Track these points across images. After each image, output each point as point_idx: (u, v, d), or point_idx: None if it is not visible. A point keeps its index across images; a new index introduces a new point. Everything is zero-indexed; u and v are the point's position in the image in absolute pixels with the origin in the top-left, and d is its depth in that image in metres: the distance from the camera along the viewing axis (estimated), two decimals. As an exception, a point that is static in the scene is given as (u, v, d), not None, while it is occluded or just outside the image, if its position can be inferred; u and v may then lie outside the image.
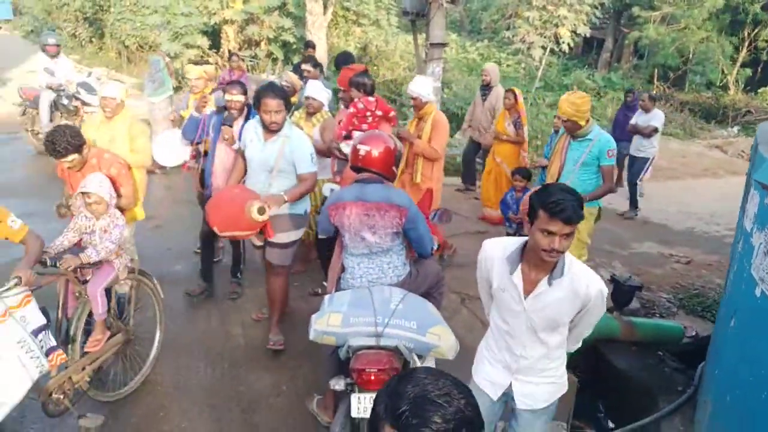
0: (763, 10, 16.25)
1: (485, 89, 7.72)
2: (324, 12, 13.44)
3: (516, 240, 2.38)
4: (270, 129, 3.75)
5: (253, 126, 3.91)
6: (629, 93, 9.12)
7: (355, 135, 4.18)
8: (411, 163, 4.86)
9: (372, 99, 4.42)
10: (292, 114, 4.95)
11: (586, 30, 16.20)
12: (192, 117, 4.86)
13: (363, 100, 4.40)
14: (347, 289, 3.10)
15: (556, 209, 2.05)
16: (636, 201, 8.43)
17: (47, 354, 2.84)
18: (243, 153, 3.99)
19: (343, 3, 16.04)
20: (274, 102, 3.67)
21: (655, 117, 7.87)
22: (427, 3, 8.31)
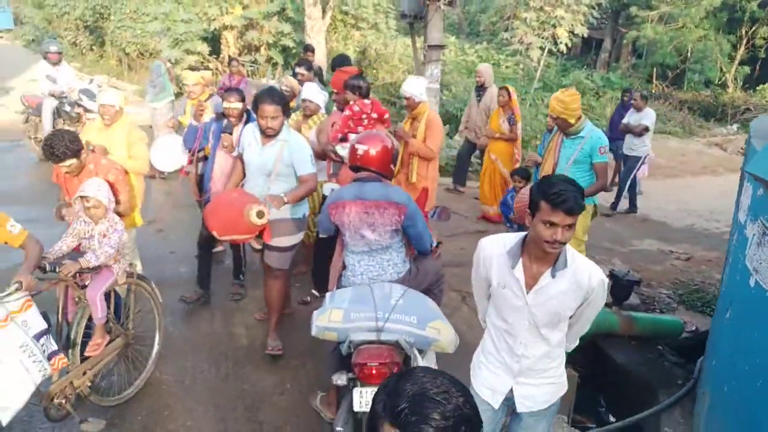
0: (760, 7, 16.30)
1: (480, 90, 7.73)
2: (323, 16, 13.51)
3: (515, 235, 2.34)
4: (266, 134, 3.77)
5: (252, 130, 3.90)
6: (626, 92, 9.18)
7: (351, 137, 4.20)
8: (406, 163, 4.88)
9: (367, 102, 4.43)
10: (289, 117, 4.99)
11: (583, 30, 16.26)
12: (191, 126, 4.90)
13: (359, 102, 4.40)
14: (348, 287, 3.13)
15: (558, 200, 2.03)
16: (635, 199, 8.49)
17: (49, 358, 2.84)
18: (242, 156, 3.99)
19: (342, 7, 16.09)
20: (271, 108, 3.67)
21: (647, 116, 7.92)
22: (425, 5, 8.37)
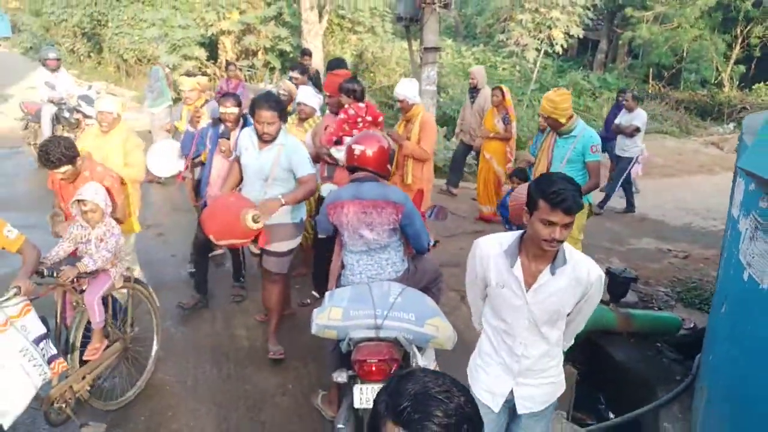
0: (755, 7, 16.39)
1: (473, 92, 7.76)
2: (319, 20, 13.55)
3: (511, 234, 2.33)
4: (263, 139, 3.78)
5: (248, 134, 3.91)
6: (621, 93, 9.21)
7: (346, 140, 4.22)
8: (401, 165, 4.91)
9: (362, 105, 4.46)
10: (286, 122, 5.01)
11: (579, 31, 16.30)
12: (187, 131, 4.92)
13: (354, 106, 4.43)
14: (347, 286, 3.17)
15: (557, 199, 2.02)
16: (631, 199, 8.55)
17: (49, 362, 2.84)
18: (239, 160, 4.00)
19: (339, 11, 16.16)
20: (267, 114, 3.68)
21: (638, 117, 7.96)
22: (421, 8, 8.41)
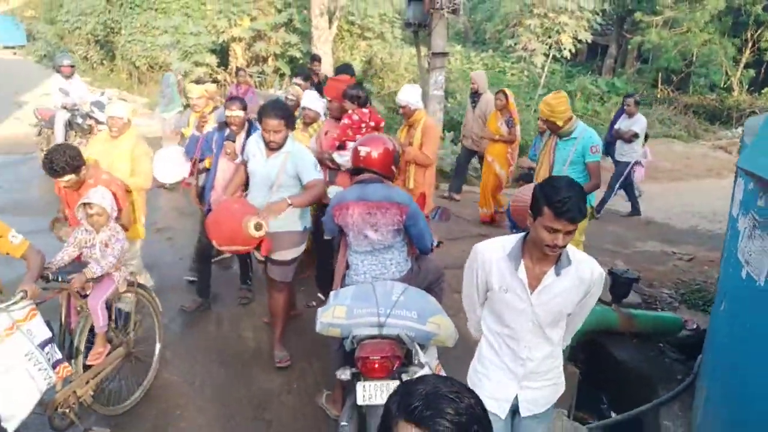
0: (765, 11, 16.31)
1: (474, 96, 7.78)
2: (329, 27, 13.66)
3: (512, 237, 2.32)
4: (270, 147, 3.81)
5: (256, 141, 3.94)
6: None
7: (349, 145, 4.28)
8: (403, 170, 4.90)
9: (366, 111, 4.52)
10: (294, 129, 5.06)
11: (587, 36, 16.34)
12: (192, 135, 4.97)
13: (357, 112, 4.49)
14: (352, 285, 3.23)
15: (562, 209, 2.02)
16: (636, 203, 8.58)
17: (54, 366, 2.86)
18: (246, 164, 4.03)
19: (348, 17, 16.27)
20: (274, 122, 3.70)
21: (637, 122, 7.97)
22: (429, 14, 8.49)
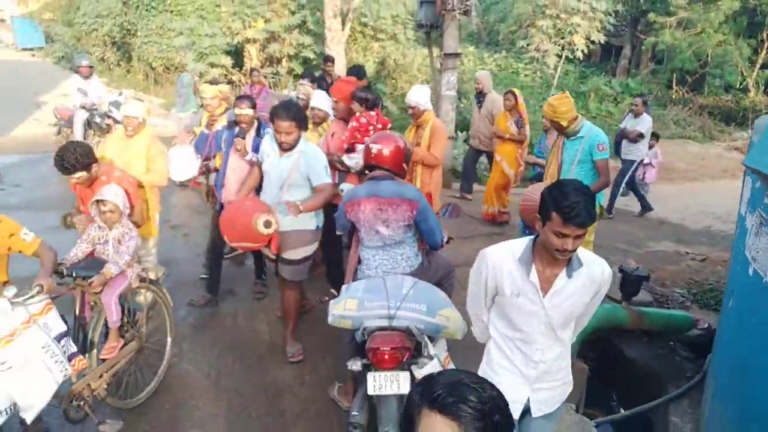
0: (780, 11, 16.19)
1: (479, 97, 7.81)
2: (342, 28, 13.76)
3: (521, 241, 2.31)
4: (282, 148, 3.85)
5: (270, 141, 3.98)
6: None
7: (358, 148, 4.33)
8: (410, 170, 4.91)
9: (373, 113, 4.57)
10: (307, 129, 5.10)
11: (600, 37, 16.29)
12: (202, 133, 5.05)
13: (365, 114, 4.53)
14: (363, 279, 3.30)
15: (570, 215, 2.01)
16: (644, 200, 8.60)
17: (69, 359, 2.93)
18: (260, 164, 4.08)
19: (361, 19, 16.37)
20: (285, 124, 3.73)
21: (642, 122, 7.97)
22: (441, 15, 8.55)
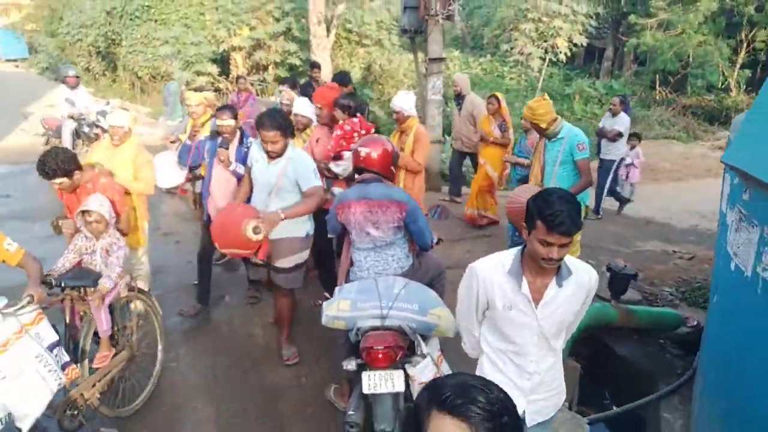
0: (758, 11, 16.46)
1: (458, 99, 7.86)
2: (327, 35, 13.82)
3: (509, 253, 2.29)
4: (269, 156, 3.85)
5: (258, 148, 3.97)
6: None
7: (345, 155, 4.36)
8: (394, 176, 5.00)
9: (356, 120, 4.58)
10: (294, 137, 5.08)
11: (582, 40, 16.50)
12: (184, 144, 5.03)
13: (348, 122, 4.55)
14: (355, 281, 3.34)
15: (554, 222, 1.98)
16: (620, 195, 8.70)
17: (62, 368, 2.93)
18: (250, 171, 4.09)
19: (346, 25, 16.46)
20: (270, 133, 3.73)
21: (620, 121, 8.08)
22: (425, 20, 8.63)
